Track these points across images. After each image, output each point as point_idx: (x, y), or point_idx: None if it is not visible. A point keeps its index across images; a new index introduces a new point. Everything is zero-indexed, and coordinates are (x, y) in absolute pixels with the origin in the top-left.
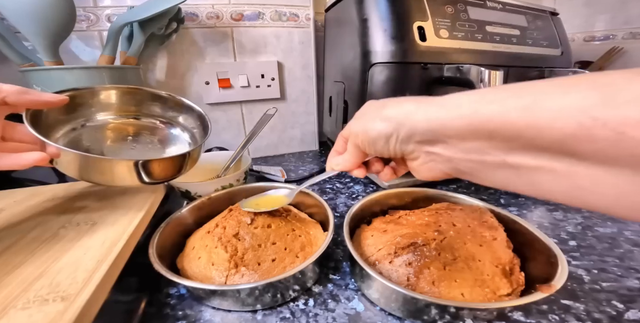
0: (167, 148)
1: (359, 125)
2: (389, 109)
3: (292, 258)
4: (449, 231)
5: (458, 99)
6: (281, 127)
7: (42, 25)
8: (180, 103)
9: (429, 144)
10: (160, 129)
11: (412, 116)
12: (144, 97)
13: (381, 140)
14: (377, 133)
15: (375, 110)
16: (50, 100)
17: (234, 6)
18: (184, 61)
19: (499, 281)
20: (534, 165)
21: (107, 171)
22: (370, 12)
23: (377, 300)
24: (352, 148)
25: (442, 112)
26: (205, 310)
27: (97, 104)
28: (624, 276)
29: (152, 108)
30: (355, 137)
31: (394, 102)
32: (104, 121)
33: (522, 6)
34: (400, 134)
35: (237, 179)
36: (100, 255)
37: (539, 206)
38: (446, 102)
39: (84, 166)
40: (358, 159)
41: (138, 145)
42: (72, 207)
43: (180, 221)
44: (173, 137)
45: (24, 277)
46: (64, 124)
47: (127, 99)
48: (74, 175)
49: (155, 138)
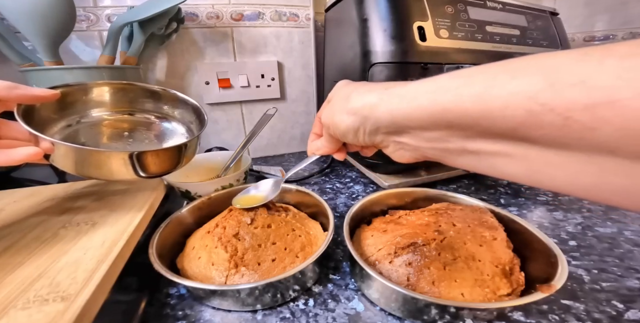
0: (165, 143)
1: (328, 118)
2: (353, 101)
3: (292, 258)
4: (449, 231)
5: (417, 88)
6: (281, 127)
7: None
8: (175, 97)
9: (395, 134)
10: (156, 124)
11: (375, 109)
12: (137, 92)
13: (350, 134)
14: (345, 127)
15: (341, 101)
16: (41, 94)
17: (234, 6)
18: (184, 61)
19: (499, 281)
20: (492, 150)
21: (102, 164)
22: (370, 12)
23: (377, 300)
24: (327, 136)
25: (403, 104)
26: (205, 310)
27: (91, 100)
28: (624, 276)
29: (147, 103)
30: (327, 128)
31: (358, 93)
32: (99, 117)
33: (522, 6)
34: (366, 128)
35: (237, 179)
36: (100, 255)
37: (539, 206)
38: (406, 92)
39: (79, 160)
40: (335, 145)
41: (134, 142)
42: (72, 207)
43: (180, 221)
44: (169, 132)
45: (24, 277)
46: (58, 120)
47: (120, 94)
48: (70, 169)
49: (151, 133)
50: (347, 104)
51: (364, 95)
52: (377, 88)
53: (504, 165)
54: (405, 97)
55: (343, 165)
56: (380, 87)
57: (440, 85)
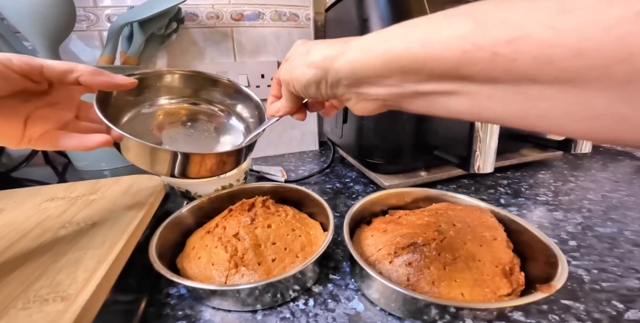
0: (222, 137)
1: (288, 73)
2: (313, 54)
3: (292, 258)
4: (449, 231)
5: (373, 39)
6: (281, 127)
7: (42, 25)
8: (239, 90)
9: (356, 86)
10: (218, 116)
11: (335, 62)
12: (204, 81)
13: (312, 87)
14: (306, 80)
15: (301, 56)
16: (121, 82)
17: (234, 6)
18: (184, 61)
19: (499, 281)
20: (439, 90)
21: (162, 161)
22: (370, 12)
23: (377, 300)
24: (287, 94)
25: (361, 55)
26: (205, 310)
27: (162, 87)
28: (624, 276)
29: (212, 93)
30: (287, 84)
31: (317, 47)
32: (166, 105)
33: None
34: (328, 80)
35: (237, 179)
36: (100, 255)
37: (539, 206)
38: (362, 44)
39: (141, 153)
40: (295, 104)
41: (195, 132)
42: (72, 207)
43: (180, 221)
44: (229, 126)
45: (24, 277)
46: (131, 107)
47: (188, 83)
48: (131, 160)
49: (212, 125)
50: (308, 58)
51: (324, 49)
52: (337, 42)
53: (452, 103)
54: (362, 48)
55: (343, 165)
56: (340, 40)
57: (393, 35)
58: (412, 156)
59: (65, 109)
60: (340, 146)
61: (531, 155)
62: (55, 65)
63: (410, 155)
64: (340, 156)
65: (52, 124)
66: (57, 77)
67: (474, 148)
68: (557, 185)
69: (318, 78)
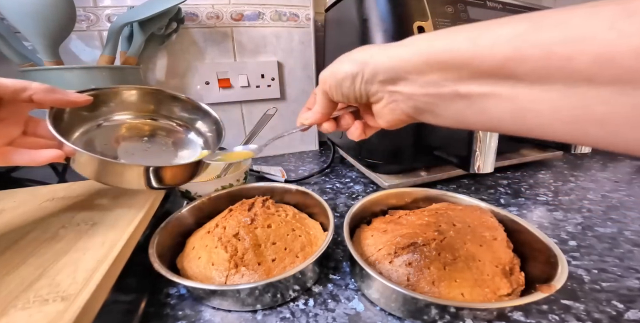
0: (180, 151)
1: (328, 70)
2: (356, 53)
3: (292, 258)
4: (449, 231)
5: (416, 38)
6: (281, 127)
7: (42, 25)
8: (198, 107)
9: (392, 82)
10: (176, 132)
11: (375, 56)
12: (162, 98)
13: (348, 81)
14: (344, 73)
15: (342, 56)
16: (76, 100)
17: (234, 6)
18: (184, 61)
19: (499, 281)
20: (482, 91)
21: (118, 174)
22: (370, 13)
23: (377, 300)
24: (321, 96)
25: (402, 50)
26: (205, 310)
27: (118, 104)
28: (624, 276)
29: (172, 109)
30: (324, 82)
31: (361, 48)
32: (122, 121)
33: (522, 6)
34: (365, 73)
35: (237, 179)
36: (100, 255)
37: (539, 206)
38: (406, 42)
39: (97, 168)
40: (327, 109)
41: (152, 146)
42: (71, 207)
43: (180, 221)
44: (187, 141)
45: (24, 277)
46: (84, 122)
47: (147, 99)
48: (87, 175)
49: (170, 140)
50: (350, 55)
51: (367, 48)
52: (376, 45)
53: (493, 106)
54: (405, 45)
55: (343, 165)
56: (379, 45)
57: (437, 35)
58: (412, 156)
59: (13, 124)
60: (340, 146)
61: (531, 155)
62: (8, 83)
63: (410, 155)
64: (340, 156)
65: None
66: (9, 95)
67: (474, 148)
68: (557, 185)
69: (355, 71)
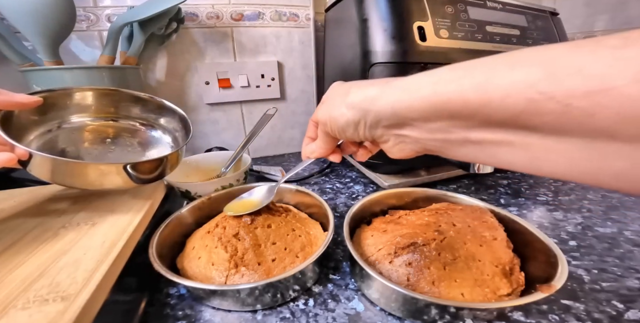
0: (148, 151)
1: (326, 114)
2: (353, 95)
3: (292, 258)
4: (449, 231)
5: (418, 81)
6: (281, 127)
7: (42, 25)
8: (162, 105)
9: (396, 127)
10: (141, 132)
11: (376, 102)
12: (122, 98)
13: (350, 128)
14: (345, 121)
15: (339, 96)
16: (23, 101)
17: (234, 6)
18: (184, 61)
19: (499, 281)
20: (493, 139)
21: (76, 174)
22: (370, 12)
23: (377, 300)
24: (323, 135)
25: (405, 96)
26: (205, 310)
27: (74, 106)
28: (624, 276)
29: (132, 110)
30: (324, 125)
31: (357, 87)
32: (81, 123)
33: (522, 6)
34: (367, 121)
35: (237, 179)
36: (100, 255)
37: (539, 206)
38: (407, 85)
39: (53, 169)
40: (331, 145)
41: (117, 148)
42: (72, 207)
43: (180, 221)
44: (154, 140)
45: (24, 277)
46: (38, 125)
47: (105, 100)
48: (45, 178)
49: (135, 140)
50: (347, 98)
51: (364, 89)
52: (377, 82)
53: (505, 153)
54: (406, 89)
55: (343, 165)
56: (381, 81)
57: (442, 77)
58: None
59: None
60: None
61: None
62: None
63: None
64: None
65: None
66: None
67: None
68: (557, 185)
69: (357, 119)
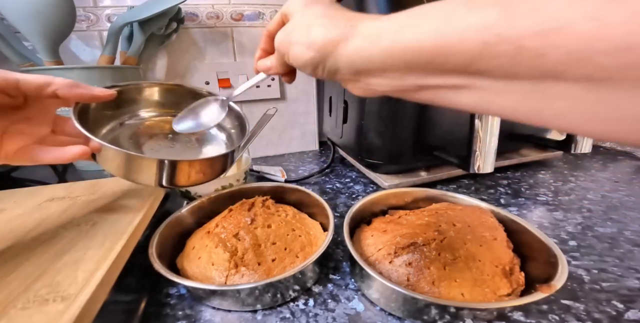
0: (204, 147)
1: (284, 45)
2: (314, 34)
3: (292, 258)
4: (449, 231)
5: (380, 26)
6: (281, 127)
7: (42, 25)
8: None
9: (354, 75)
10: None
11: (337, 49)
12: (186, 94)
13: (308, 69)
14: (304, 61)
15: (301, 30)
16: (99, 94)
17: (234, 6)
18: (184, 61)
19: (499, 281)
20: (447, 84)
21: (144, 170)
22: (370, 12)
23: (377, 300)
24: (281, 59)
25: (366, 45)
26: (205, 310)
27: (142, 100)
28: (624, 276)
29: None
30: (282, 55)
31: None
32: (147, 117)
33: None
34: (325, 67)
35: (237, 179)
36: (100, 255)
37: (539, 206)
38: (370, 31)
39: (123, 163)
40: (288, 67)
41: (177, 144)
42: (71, 207)
43: (180, 221)
44: (211, 137)
45: (24, 277)
46: (111, 119)
47: (169, 95)
48: (112, 171)
49: (193, 137)
50: (308, 36)
51: (326, 29)
52: (342, 21)
53: (458, 97)
54: (368, 36)
55: (343, 165)
56: (346, 20)
57: (404, 23)
58: (412, 156)
59: (41, 123)
60: (340, 146)
61: (531, 155)
62: (32, 79)
63: (410, 155)
64: (340, 156)
65: (28, 139)
66: (33, 91)
67: (474, 148)
68: (557, 185)
69: (315, 63)
